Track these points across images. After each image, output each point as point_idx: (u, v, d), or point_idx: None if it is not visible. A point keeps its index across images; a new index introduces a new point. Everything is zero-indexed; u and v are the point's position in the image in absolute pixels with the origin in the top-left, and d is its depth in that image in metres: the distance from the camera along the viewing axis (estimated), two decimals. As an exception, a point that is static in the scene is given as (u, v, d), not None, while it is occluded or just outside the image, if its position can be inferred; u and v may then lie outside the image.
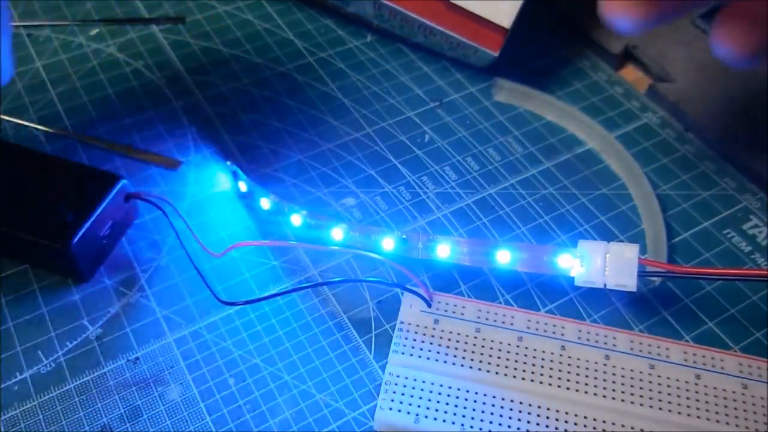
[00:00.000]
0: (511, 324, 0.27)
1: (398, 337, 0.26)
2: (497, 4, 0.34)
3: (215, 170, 0.32)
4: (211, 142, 0.33)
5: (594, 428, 0.24)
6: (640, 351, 0.26)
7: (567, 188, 0.32)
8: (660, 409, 0.24)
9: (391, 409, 0.24)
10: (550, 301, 0.28)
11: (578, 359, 0.26)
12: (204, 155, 0.33)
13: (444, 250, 0.28)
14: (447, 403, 0.25)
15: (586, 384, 0.25)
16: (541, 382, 0.25)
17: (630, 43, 0.37)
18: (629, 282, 0.26)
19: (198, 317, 0.27)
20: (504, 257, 0.27)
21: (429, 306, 0.27)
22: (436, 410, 0.24)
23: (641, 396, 0.25)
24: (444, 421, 0.24)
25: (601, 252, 0.26)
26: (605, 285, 0.26)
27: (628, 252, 0.26)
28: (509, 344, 0.26)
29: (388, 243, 0.28)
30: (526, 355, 0.26)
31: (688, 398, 0.25)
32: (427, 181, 0.32)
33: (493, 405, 0.24)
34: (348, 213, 0.31)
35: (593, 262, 0.26)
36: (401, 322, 0.27)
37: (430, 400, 0.25)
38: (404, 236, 0.28)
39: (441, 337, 0.26)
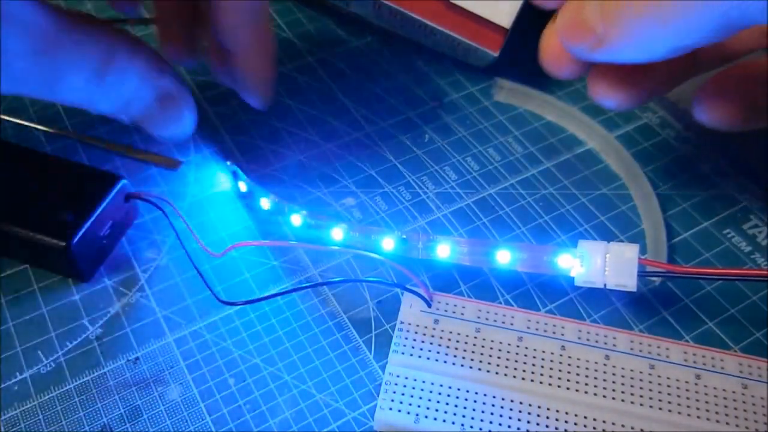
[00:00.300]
0: (511, 324, 0.27)
1: (398, 337, 0.26)
2: (497, 4, 0.34)
3: (215, 170, 0.32)
4: (211, 142, 0.33)
5: (594, 428, 0.24)
6: (640, 351, 0.26)
7: (567, 188, 0.32)
8: (660, 409, 0.24)
9: (391, 409, 0.24)
10: (550, 301, 0.28)
11: (578, 359, 0.26)
12: (204, 155, 0.33)
13: (444, 250, 0.28)
14: (447, 403, 0.25)
15: (586, 384, 0.25)
16: (541, 382, 0.25)
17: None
18: (629, 282, 0.26)
19: (198, 317, 0.27)
20: (504, 257, 0.27)
21: (429, 306, 0.27)
22: (436, 410, 0.24)
23: (641, 396, 0.25)
24: (444, 421, 0.24)
25: (601, 252, 0.26)
26: (605, 285, 0.26)
27: (628, 252, 0.26)
28: (509, 344, 0.26)
29: (388, 243, 0.28)
30: (526, 355, 0.26)
31: (688, 398, 0.25)
32: (427, 181, 0.32)
33: (493, 405, 0.24)
34: (348, 213, 0.31)
35: (593, 262, 0.26)
36: (401, 322, 0.27)
37: (430, 400, 0.25)
38: (404, 236, 0.28)
39: (441, 337, 0.26)
